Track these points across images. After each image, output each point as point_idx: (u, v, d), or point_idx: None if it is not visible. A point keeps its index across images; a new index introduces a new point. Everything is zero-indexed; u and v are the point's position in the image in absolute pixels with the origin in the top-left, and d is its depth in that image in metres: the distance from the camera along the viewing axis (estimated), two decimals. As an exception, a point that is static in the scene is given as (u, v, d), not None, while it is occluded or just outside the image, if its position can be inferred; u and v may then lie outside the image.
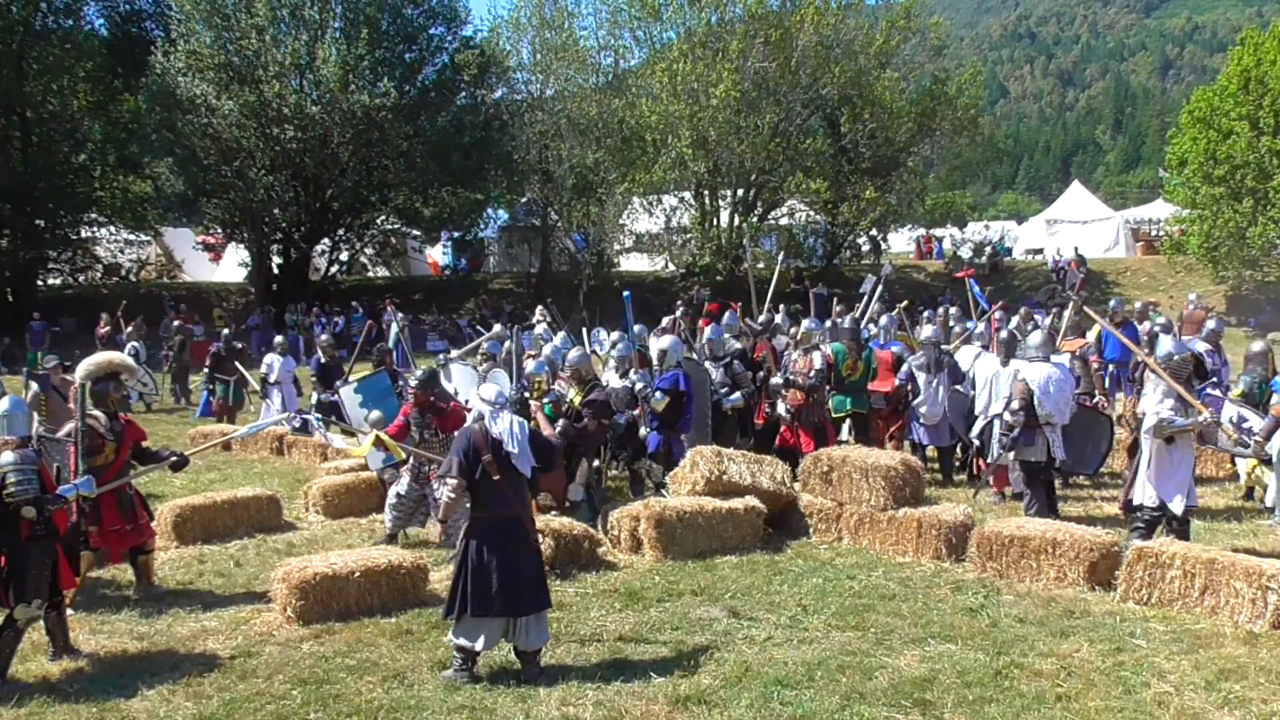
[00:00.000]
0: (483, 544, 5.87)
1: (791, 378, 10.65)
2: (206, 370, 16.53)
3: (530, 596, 5.89)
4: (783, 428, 10.88)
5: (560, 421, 8.93)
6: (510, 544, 5.89)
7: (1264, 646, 6.20)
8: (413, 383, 8.97)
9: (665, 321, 14.20)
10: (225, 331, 18.25)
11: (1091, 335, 12.83)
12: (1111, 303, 13.77)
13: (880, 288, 14.74)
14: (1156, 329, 13.11)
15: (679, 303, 21.21)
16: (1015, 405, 8.80)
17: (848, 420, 11.15)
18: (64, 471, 6.75)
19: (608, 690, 5.72)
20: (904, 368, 11.14)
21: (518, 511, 5.98)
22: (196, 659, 6.34)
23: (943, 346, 11.59)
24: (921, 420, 10.96)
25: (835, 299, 20.17)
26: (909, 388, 10.99)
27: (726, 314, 14.16)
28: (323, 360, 13.83)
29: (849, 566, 8.14)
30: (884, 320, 12.25)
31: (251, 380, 16.18)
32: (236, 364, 16.30)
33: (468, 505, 6.08)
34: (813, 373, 10.51)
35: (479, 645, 5.87)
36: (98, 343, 18.65)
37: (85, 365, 7.70)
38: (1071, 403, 9.16)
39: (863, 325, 13.00)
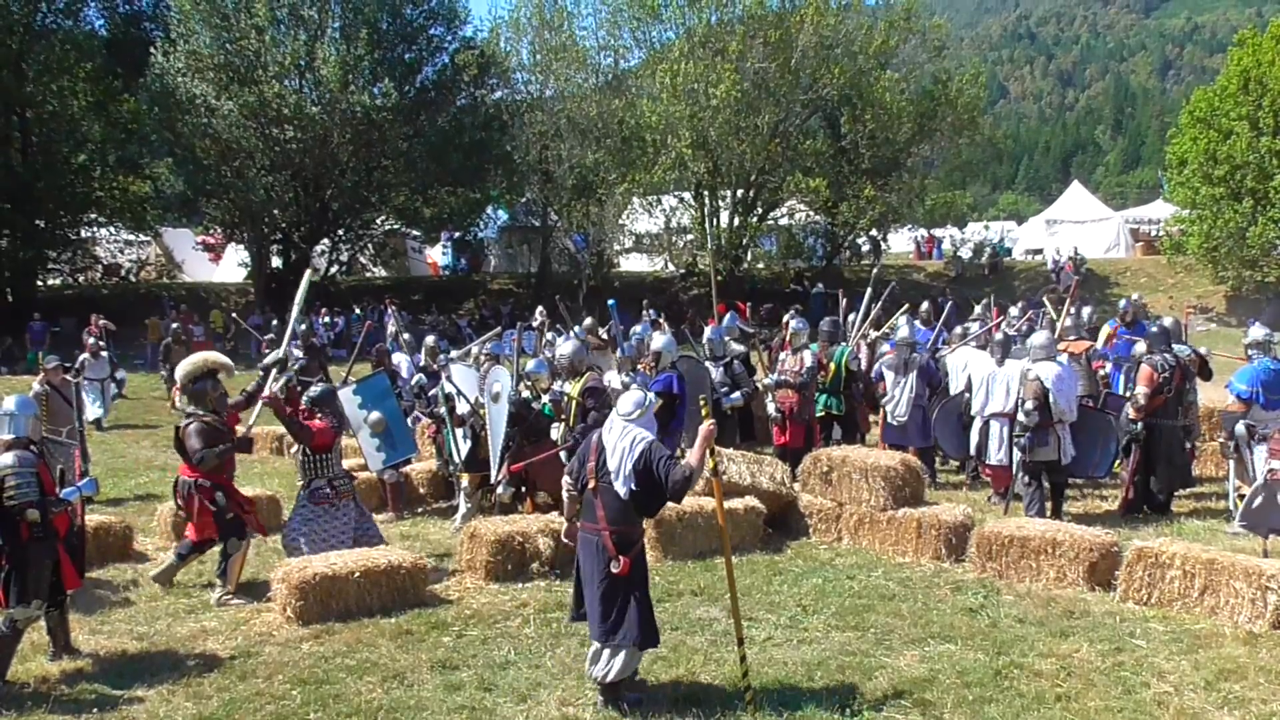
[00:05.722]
0: (576, 554, 5.74)
1: (783, 378, 10.70)
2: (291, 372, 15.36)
3: (596, 622, 5.49)
4: (774, 427, 10.94)
5: (579, 426, 8.94)
6: (588, 561, 5.57)
7: (1263, 647, 6.20)
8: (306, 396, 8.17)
9: (639, 329, 14.13)
10: (302, 328, 16.69)
11: (1102, 336, 12.77)
12: (1121, 303, 13.75)
13: (880, 290, 14.76)
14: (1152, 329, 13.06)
15: (646, 303, 21.22)
16: (1029, 405, 8.81)
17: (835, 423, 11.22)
18: (68, 474, 6.75)
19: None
20: (875, 367, 11.23)
21: (601, 529, 5.47)
22: (196, 659, 6.33)
23: (941, 348, 11.62)
24: (891, 421, 10.97)
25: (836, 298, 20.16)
26: (879, 387, 11.08)
27: (727, 316, 14.22)
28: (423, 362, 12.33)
29: (849, 567, 8.14)
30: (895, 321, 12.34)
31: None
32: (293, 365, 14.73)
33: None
34: (804, 371, 10.58)
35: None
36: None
37: (184, 365, 7.84)
38: (1076, 401, 9.21)
39: (861, 329, 13.03)
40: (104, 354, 16.58)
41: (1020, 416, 8.96)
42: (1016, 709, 5.46)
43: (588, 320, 15.58)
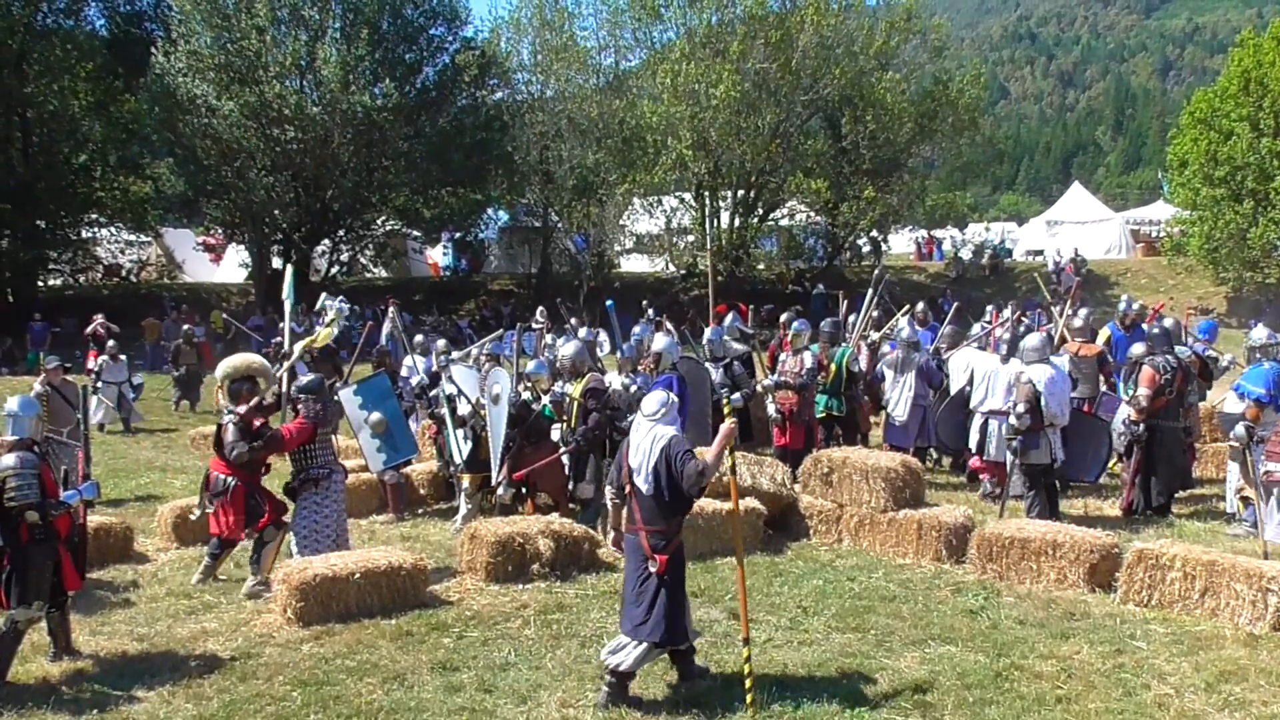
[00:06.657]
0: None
1: (783, 379, 10.71)
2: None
3: (628, 617, 5.63)
4: (774, 428, 10.96)
5: (580, 428, 8.94)
6: (629, 560, 5.75)
7: (1264, 648, 6.20)
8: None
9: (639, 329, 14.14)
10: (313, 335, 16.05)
11: (1101, 339, 12.76)
12: (1121, 304, 13.72)
13: (880, 291, 14.75)
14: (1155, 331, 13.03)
15: (646, 304, 21.20)
16: (1021, 409, 8.79)
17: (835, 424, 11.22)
18: (71, 475, 6.75)
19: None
20: (876, 366, 11.25)
21: (638, 530, 5.66)
22: (197, 660, 6.34)
23: (942, 347, 11.64)
24: (892, 421, 11.01)
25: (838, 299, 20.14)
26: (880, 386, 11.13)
27: (729, 316, 14.21)
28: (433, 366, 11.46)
29: (849, 568, 8.15)
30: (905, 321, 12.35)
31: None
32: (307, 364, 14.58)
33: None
34: (804, 372, 10.58)
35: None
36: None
37: (224, 365, 8.14)
38: (1068, 404, 9.21)
39: (860, 330, 13.05)
40: (122, 357, 16.56)
41: (1012, 419, 8.95)
42: (1017, 711, 5.46)
43: (572, 320, 15.61)
